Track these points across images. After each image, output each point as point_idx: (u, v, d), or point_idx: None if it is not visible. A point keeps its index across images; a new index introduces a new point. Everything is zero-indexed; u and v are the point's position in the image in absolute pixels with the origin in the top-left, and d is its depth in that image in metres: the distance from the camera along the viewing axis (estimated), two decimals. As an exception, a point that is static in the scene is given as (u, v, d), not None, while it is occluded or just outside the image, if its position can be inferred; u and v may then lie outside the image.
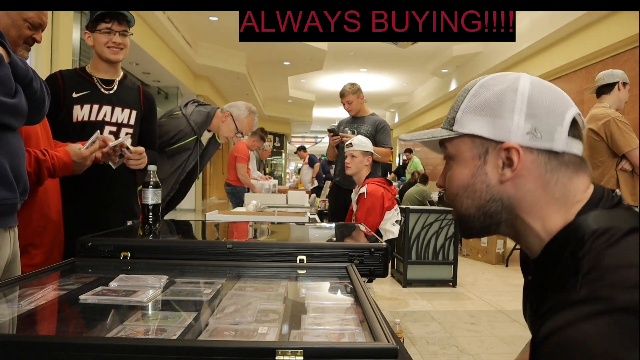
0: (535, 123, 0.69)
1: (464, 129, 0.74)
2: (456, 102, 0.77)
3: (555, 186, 0.70)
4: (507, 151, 0.70)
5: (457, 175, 0.77)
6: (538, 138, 0.69)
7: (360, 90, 3.69)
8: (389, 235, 2.90)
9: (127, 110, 1.97)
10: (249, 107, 2.57)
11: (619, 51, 5.94)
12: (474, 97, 0.74)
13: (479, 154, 0.74)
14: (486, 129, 0.72)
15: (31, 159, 1.40)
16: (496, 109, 0.71)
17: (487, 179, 0.73)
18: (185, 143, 2.43)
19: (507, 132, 0.70)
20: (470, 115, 0.74)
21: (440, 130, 0.79)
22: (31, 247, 1.49)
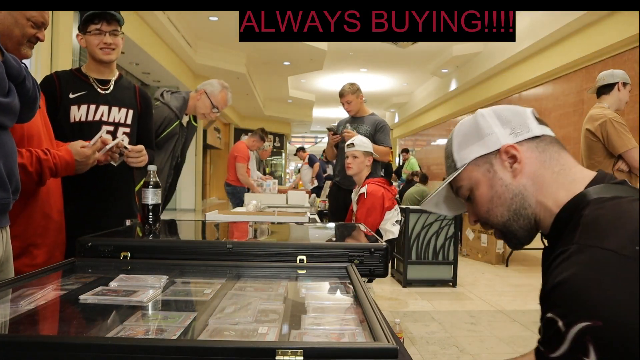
0: (511, 125, 0.87)
1: (466, 159, 0.89)
2: (447, 153, 0.95)
3: (551, 161, 0.85)
4: (506, 152, 0.85)
5: (481, 196, 0.89)
6: (519, 133, 0.86)
7: (359, 90, 3.68)
8: (389, 235, 2.90)
9: (123, 109, 1.98)
10: (221, 83, 2.68)
11: (619, 51, 5.94)
12: (456, 139, 0.92)
13: (487, 169, 0.88)
14: (482, 149, 0.88)
15: (32, 158, 1.39)
16: (479, 133, 0.89)
17: (503, 181, 0.87)
18: (172, 129, 2.54)
19: (497, 141, 0.87)
20: (463, 150, 0.90)
21: (447, 179, 0.95)
22: (33, 247, 1.49)
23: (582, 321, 0.62)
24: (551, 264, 0.74)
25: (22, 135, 1.43)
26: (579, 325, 0.63)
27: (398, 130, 18.27)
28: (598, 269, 0.65)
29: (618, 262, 0.65)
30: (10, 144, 1.18)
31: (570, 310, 0.65)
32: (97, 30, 1.89)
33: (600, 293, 0.63)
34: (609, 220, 0.71)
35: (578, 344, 0.63)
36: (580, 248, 0.69)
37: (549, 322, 0.67)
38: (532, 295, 4.40)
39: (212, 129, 13.07)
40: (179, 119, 2.55)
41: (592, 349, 0.61)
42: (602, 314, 0.61)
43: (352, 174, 3.04)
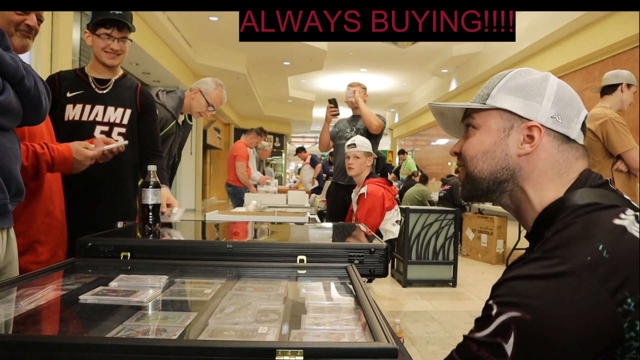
0: (559, 110, 0.82)
1: (498, 103, 0.85)
2: (490, 83, 0.88)
3: (562, 164, 0.82)
4: (529, 129, 0.82)
5: (479, 141, 0.86)
6: (559, 123, 0.81)
7: (366, 89, 3.71)
8: (389, 235, 2.90)
9: (120, 109, 1.96)
10: (215, 81, 2.69)
11: (619, 51, 5.94)
12: (510, 80, 0.86)
13: (504, 127, 0.84)
14: (518, 107, 0.83)
15: (28, 152, 1.39)
16: (529, 92, 0.83)
17: (507, 149, 0.84)
18: (168, 129, 2.54)
19: (534, 113, 0.82)
20: (504, 94, 0.84)
21: (470, 103, 0.89)
22: (38, 245, 1.49)
23: (514, 311, 0.67)
24: (514, 264, 0.76)
25: (23, 134, 1.42)
26: (509, 313, 0.67)
27: (398, 130, 18.27)
28: (549, 276, 0.67)
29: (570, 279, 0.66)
30: (9, 145, 1.17)
31: (507, 300, 0.69)
32: (107, 35, 1.88)
33: (542, 295, 0.66)
34: (572, 236, 0.71)
35: (502, 329, 0.67)
36: (540, 256, 0.71)
37: (486, 308, 0.71)
38: (532, 295, 4.39)
39: (212, 129, 13.06)
40: (175, 118, 2.56)
41: (513, 336, 0.66)
42: (535, 312, 0.65)
43: (353, 174, 3.04)
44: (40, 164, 1.42)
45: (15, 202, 1.23)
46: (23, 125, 1.26)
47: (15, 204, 1.24)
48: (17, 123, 1.18)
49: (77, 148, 1.54)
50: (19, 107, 1.14)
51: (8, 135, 1.18)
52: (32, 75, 1.16)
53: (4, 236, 1.25)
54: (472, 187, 0.88)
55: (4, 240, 1.24)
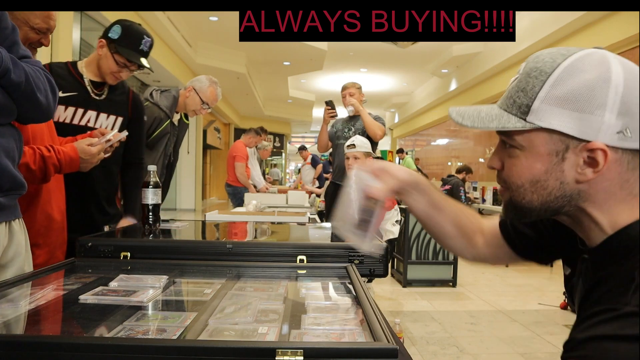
0: (627, 122, 0.62)
1: (543, 122, 0.65)
2: (528, 85, 0.67)
3: (634, 184, 0.66)
4: (591, 152, 0.64)
5: (526, 168, 0.69)
6: (627, 138, 0.63)
7: (361, 89, 3.70)
8: (389, 235, 2.90)
9: (112, 116, 1.94)
10: (209, 78, 2.67)
11: (619, 51, 5.94)
12: (557, 85, 0.64)
13: (556, 151, 0.66)
14: (571, 126, 0.63)
15: (36, 156, 1.39)
16: (585, 104, 0.62)
17: (562, 177, 0.67)
18: (163, 128, 2.53)
19: (595, 131, 0.62)
20: (551, 107, 0.64)
21: (506, 117, 0.69)
22: (35, 248, 1.48)
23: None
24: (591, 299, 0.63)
25: (27, 135, 1.43)
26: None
27: (398, 130, 18.27)
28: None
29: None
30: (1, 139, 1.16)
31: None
32: (124, 65, 1.86)
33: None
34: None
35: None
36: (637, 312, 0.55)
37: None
38: (532, 296, 4.40)
39: (212, 129, 13.06)
40: (170, 117, 2.55)
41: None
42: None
43: (353, 174, 3.04)
44: (48, 167, 1.42)
45: (14, 195, 1.22)
46: (25, 122, 1.24)
47: (15, 196, 1.23)
48: (9, 119, 1.16)
49: (82, 147, 1.54)
50: (8, 103, 1.11)
51: (1, 130, 1.15)
52: (24, 70, 1.12)
53: (5, 229, 1.24)
54: (518, 216, 0.73)
55: (4, 233, 1.23)
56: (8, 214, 1.23)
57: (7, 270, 1.26)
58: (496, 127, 0.68)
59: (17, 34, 1.14)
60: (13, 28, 1.13)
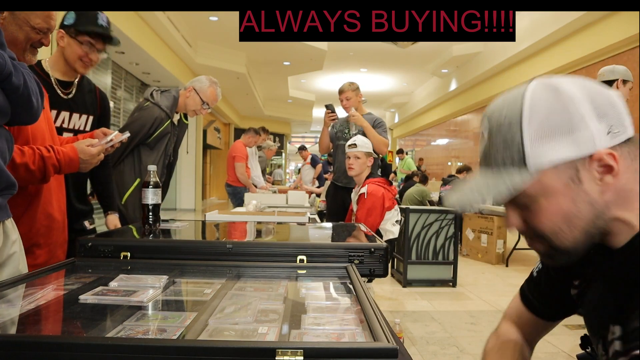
0: (608, 120, 0.65)
1: (544, 162, 0.65)
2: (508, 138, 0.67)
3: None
4: (600, 161, 0.65)
5: (555, 211, 0.67)
6: (617, 134, 0.65)
7: (358, 89, 3.69)
8: (389, 235, 2.90)
9: (84, 116, 1.93)
10: (210, 79, 2.68)
11: (619, 51, 5.94)
12: (532, 122, 0.65)
13: (571, 178, 0.66)
14: (569, 150, 0.65)
15: (35, 156, 1.39)
16: (568, 125, 0.64)
17: (589, 197, 0.66)
18: (163, 129, 2.54)
19: (591, 142, 0.64)
20: (542, 145, 0.65)
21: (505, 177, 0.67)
22: (36, 248, 1.48)
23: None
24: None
25: (27, 136, 1.42)
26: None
27: (398, 130, 18.28)
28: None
29: None
30: None
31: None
32: (89, 44, 1.82)
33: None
34: None
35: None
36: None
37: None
38: (532, 295, 4.39)
39: (212, 129, 13.07)
40: (170, 118, 2.56)
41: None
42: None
43: (354, 174, 3.04)
44: (47, 168, 1.42)
45: (6, 195, 1.22)
46: (14, 124, 1.24)
47: (7, 197, 1.23)
48: (3, 121, 1.16)
49: (81, 147, 1.54)
50: (5, 105, 1.12)
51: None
52: (22, 73, 1.13)
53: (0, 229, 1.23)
54: (569, 258, 0.71)
55: (0, 232, 1.23)
56: (2, 214, 1.24)
57: (4, 270, 1.26)
58: (508, 191, 0.67)
59: (2, 35, 1.14)
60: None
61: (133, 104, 8.59)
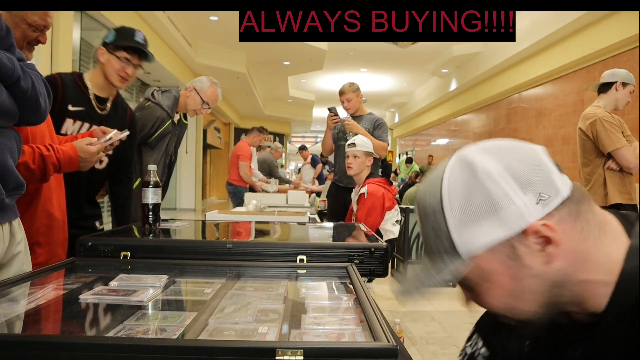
0: (534, 187, 0.60)
1: (477, 248, 0.62)
2: (436, 227, 0.64)
3: (589, 225, 0.62)
4: (536, 234, 0.60)
5: (497, 292, 0.64)
6: (548, 199, 0.60)
7: (359, 89, 3.69)
8: (389, 235, 2.90)
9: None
10: (210, 79, 2.71)
11: (619, 51, 5.94)
12: (453, 208, 0.62)
13: (507, 256, 0.62)
14: (499, 230, 0.61)
15: (35, 155, 1.39)
16: (491, 204, 0.60)
17: (533, 271, 0.62)
18: (164, 128, 2.56)
19: (520, 217, 0.60)
20: (470, 228, 0.62)
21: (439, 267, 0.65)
22: (36, 247, 1.48)
23: None
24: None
25: (26, 135, 1.43)
26: None
27: (398, 130, 18.28)
28: None
29: None
30: (2, 140, 1.17)
31: None
32: (126, 60, 1.90)
33: None
34: None
35: None
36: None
37: None
38: (532, 295, 4.39)
39: (212, 128, 13.07)
40: (171, 117, 2.58)
41: None
42: None
43: (352, 174, 3.04)
44: (47, 167, 1.42)
45: (15, 195, 1.23)
46: (21, 125, 1.25)
47: (15, 197, 1.24)
48: (11, 122, 1.17)
49: (81, 146, 1.54)
50: (13, 107, 1.13)
51: (3, 131, 1.17)
52: (30, 77, 1.15)
53: (6, 230, 1.24)
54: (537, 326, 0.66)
55: (5, 234, 1.24)
56: (10, 214, 1.24)
57: (9, 269, 1.27)
58: (443, 280, 0.65)
59: (12, 35, 1.15)
60: (7, 30, 1.13)
61: (133, 103, 8.58)
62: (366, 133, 3.43)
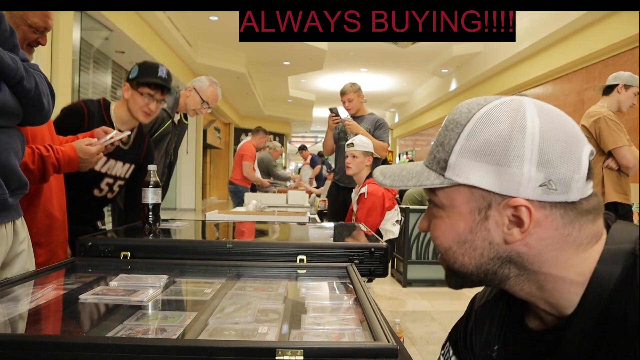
0: (549, 173, 0.57)
1: (461, 177, 0.61)
2: (446, 138, 0.63)
3: (580, 234, 0.60)
4: (514, 208, 0.59)
5: (450, 228, 0.64)
6: (552, 191, 0.57)
7: (360, 90, 3.70)
8: (389, 235, 2.90)
9: (127, 164, 2.00)
10: (210, 79, 2.72)
11: (619, 51, 5.94)
12: (471, 137, 0.60)
13: (478, 208, 0.61)
14: (489, 180, 0.59)
15: (34, 156, 1.39)
16: (501, 156, 0.58)
17: (489, 236, 0.62)
18: (165, 128, 2.57)
19: (515, 185, 0.58)
20: (468, 161, 0.60)
21: (426, 173, 0.65)
22: (37, 247, 1.49)
23: None
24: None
25: (26, 135, 1.43)
26: None
27: (398, 130, 18.27)
28: None
29: None
30: (6, 139, 1.17)
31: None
32: (149, 96, 1.91)
33: None
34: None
35: None
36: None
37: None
38: (532, 295, 4.39)
39: (212, 128, 13.06)
40: (171, 117, 2.58)
41: None
42: None
43: (351, 173, 3.04)
44: (47, 167, 1.42)
45: (18, 194, 1.23)
46: (24, 125, 1.26)
47: (19, 196, 1.24)
48: (15, 122, 1.18)
49: (81, 147, 1.54)
50: (17, 107, 1.14)
51: (7, 131, 1.17)
52: (34, 77, 1.16)
53: (9, 229, 1.25)
54: (462, 280, 0.67)
55: (9, 233, 1.24)
56: (14, 213, 1.25)
57: (13, 268, 1.27)
58: (414, 185, 0.65)
59: (16, 36, 1.15)
60: (11, 31, 1.14)
61: (133, 103, 8.58)
62: (366, 133, 3.43)
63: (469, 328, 0.82)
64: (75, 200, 1.75)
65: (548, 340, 0.64)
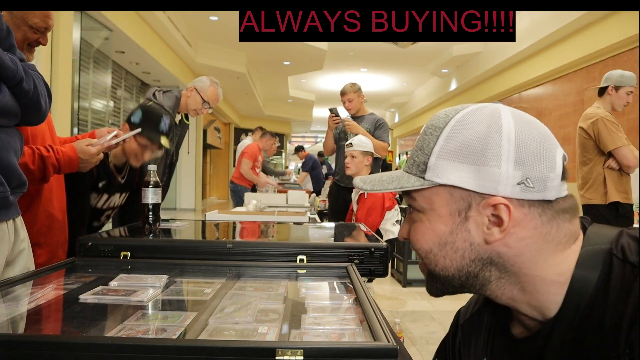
0: (526, 171, 0.59)
1: (441, 178, 0.62)
2: (425, 142, 0.65)
3: (559, 233, 0.61)
4: (494, 207, 0.60)
5: (430, 231, 0.65)
6: (530, 189, 0.59)
7: (360, 90, 3.70)
8: (389, 235, 2.90)
9: (124, 194, 2.00)
10: (211, 79, 2.73)
11: (619, 51, 5.94)
12: (450, 139, 0.62)
13: (458, 210, 0.63)
14: (469, 180, 0.61)
15: (34, 156, 1.39)
16: (480, 155, 0.60)
17: (469, 237, 0.63)
18: None
19: (494, 184, 0.60)
20: (447, 162, 0.62)
21: (406, 177, 0.67)
22: (37, 247, 1.49)
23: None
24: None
25: (27, 135, 1.43)
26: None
27: (398, 130, 18.27)
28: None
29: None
30: (6, 138, 1.17)
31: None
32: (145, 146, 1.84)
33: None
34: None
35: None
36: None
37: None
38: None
39: (212, 128, 13.07)
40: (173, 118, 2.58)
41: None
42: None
43: (350, 173, 3.04)
44: (47, 167, 1.42)
45: (18, 192, 1.24)
46: (22, 125, 1.26)
47: (19, 194, 1.25)
48: (14, 122, 1.19)
49: (81, 147, 1.54)
50: (16, 107, 1.14)
51: (6, 130, 1.18)
52: (32, 78, 1.16)
53: (10, 227, 1.25)
54: (442, 286, 0.67)
55: (10, 231, 1.25)
56: (14, 211, 1.25)
57: (15, 266, 1.28)
58: (395, 188, 0.66)
59: (13, 36, 1.15)
60: (8, 30, 1.14)
61: (133, 103, 8.59)
62: (366, 133, 3.43)
63: (457, 343, 0.82)
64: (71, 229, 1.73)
65: (532, 348, 0.64)
